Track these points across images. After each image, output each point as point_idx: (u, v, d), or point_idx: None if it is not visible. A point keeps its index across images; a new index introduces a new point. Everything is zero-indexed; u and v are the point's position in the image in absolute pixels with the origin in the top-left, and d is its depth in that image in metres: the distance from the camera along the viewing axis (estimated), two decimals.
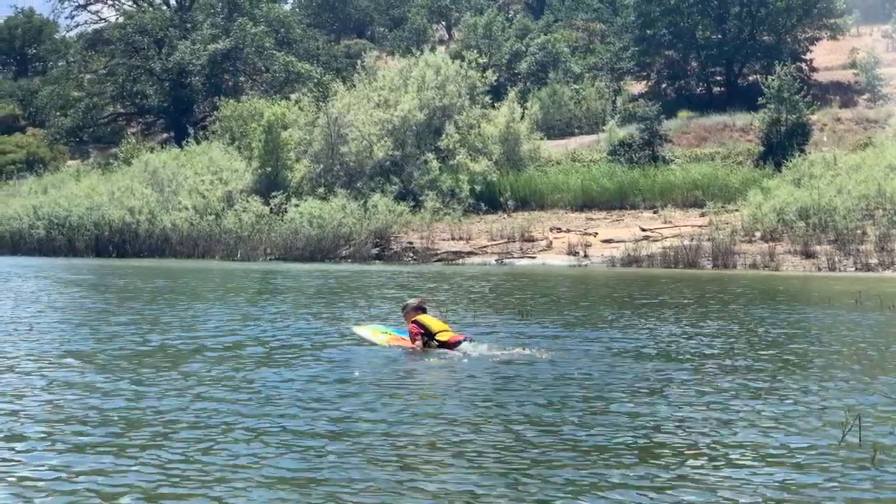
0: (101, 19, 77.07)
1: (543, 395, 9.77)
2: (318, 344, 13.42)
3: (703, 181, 42.24)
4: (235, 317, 16.99)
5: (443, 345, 12.63)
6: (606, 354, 12.48)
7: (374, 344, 13.22)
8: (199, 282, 27.70)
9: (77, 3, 76.01)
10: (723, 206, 39.20)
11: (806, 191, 36.81)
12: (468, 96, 49.35)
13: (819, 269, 30.83)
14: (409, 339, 13.00)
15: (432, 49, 55.41)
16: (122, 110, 75.71)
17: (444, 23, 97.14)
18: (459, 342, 12.62)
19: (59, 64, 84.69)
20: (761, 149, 45.56)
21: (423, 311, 13.38)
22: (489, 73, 51.72)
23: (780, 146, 43.61)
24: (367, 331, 13.69)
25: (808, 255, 32.33)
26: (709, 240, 34.06)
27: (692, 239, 34.20)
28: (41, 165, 65.19)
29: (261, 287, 25.68)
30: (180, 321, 16.30)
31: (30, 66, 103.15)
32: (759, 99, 46.57)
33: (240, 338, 14.15)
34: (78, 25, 77.66)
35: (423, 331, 12.83)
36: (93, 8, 77.42)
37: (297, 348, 13.07)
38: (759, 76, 53.62)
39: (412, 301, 13.65)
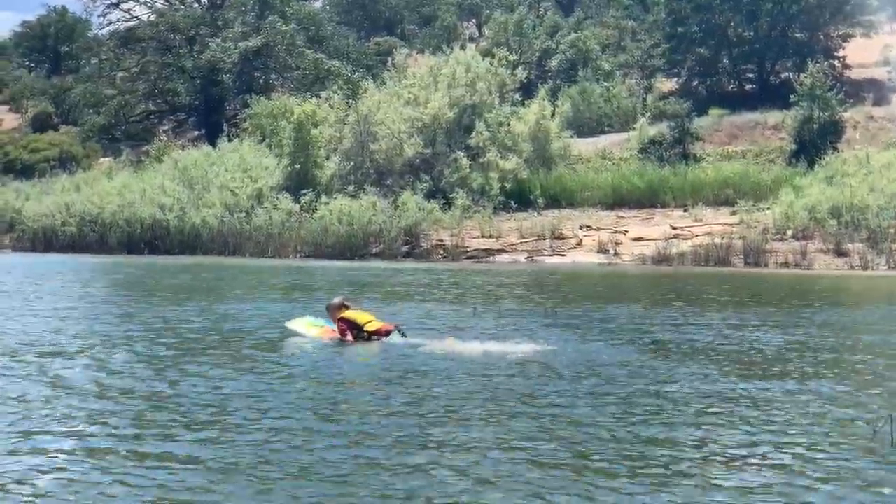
0: (133, 17, 77.45)
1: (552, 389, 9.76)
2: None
3: (735, 179, 41.92)
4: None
5: (373, 334, 13.34)
6: (630, 351, 12.42)
7: (306, 336, 13.77)
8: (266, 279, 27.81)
9: (109, 2, 76.29)
10: (754, 205, 38.86)
11: (838, 189, 36.51)
12: (498, 94, 49.18)
13: (851, 268, 30.64)
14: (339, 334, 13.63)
15: (462, 47, 55.30)
16: (153, 108, 76.02)
17: (474, 20, 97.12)
18: (390, 331, 13.31)
19: (92, 62, 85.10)
20: (793, 147, 45.18)
21: (346, 307, 13.97)
22: (519, 70, 51.51)
23: (813, 144, 43.23)
24: (300, 324, 14.19)
25: (841, 253, 32.13)
26: (740, 238, 33.88)
27: (723, 237, 34.04)
28: (74, 163, 65.48)
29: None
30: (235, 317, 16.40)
31: (62, 65, 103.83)
32: (792, 96, 46.19)
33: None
34: (110, 23, 77.82)
35: (350, 326, 13.49)
36: (125, 6, 77.78)
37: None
38: (791, 73, 53.16)
39: (335, 301, 14.28)
